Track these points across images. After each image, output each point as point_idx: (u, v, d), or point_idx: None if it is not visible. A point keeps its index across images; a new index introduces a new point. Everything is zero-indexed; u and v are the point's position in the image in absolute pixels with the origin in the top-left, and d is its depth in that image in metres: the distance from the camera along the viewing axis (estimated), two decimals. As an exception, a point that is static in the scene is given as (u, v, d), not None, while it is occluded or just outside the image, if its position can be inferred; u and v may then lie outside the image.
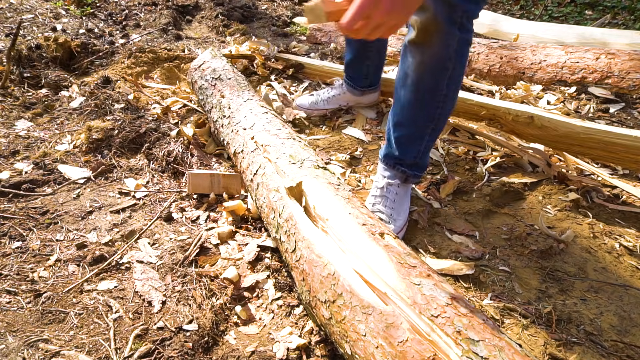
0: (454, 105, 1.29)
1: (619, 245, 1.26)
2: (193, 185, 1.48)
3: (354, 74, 1.92)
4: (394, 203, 1.36)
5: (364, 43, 1.80)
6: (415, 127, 1.31)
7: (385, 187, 1.38)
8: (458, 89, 1.27)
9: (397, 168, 1.38)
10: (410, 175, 1.38)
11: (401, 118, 1.33)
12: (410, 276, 0.80)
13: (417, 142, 1.33)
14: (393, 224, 1.32)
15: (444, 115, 1.28)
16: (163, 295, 1.11)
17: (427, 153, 1.37)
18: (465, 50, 1.19)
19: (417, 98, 1.25)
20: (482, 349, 0.65)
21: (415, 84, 1.24)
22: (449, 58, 1.16)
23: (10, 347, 0.95)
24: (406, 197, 1.40)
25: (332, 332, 0.87)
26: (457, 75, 1.21)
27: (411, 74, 1.23)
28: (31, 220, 1.35)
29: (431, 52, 1.16)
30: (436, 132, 1.31)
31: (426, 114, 1.27)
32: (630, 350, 0.98)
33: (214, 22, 3.38)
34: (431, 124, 1.28)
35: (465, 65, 1.24)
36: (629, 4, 4.03)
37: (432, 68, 1.19)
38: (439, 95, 1.22)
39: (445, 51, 1.15)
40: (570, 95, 2.17)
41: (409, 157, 1.35)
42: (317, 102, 2.03)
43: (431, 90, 1.22)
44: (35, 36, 2.73)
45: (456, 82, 1.23)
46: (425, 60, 1.19)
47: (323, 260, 0.90)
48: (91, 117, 1.91)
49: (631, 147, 1.40)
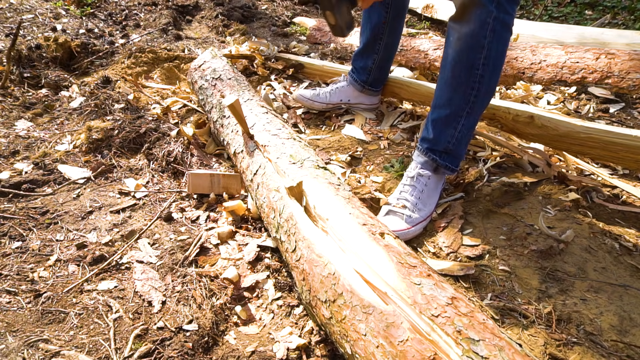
0: (490, 92, 1.30)
1: (619, 245, 1.26)
2: (193, 185, 1.48)
3: (359, 65, 1.94)
4: (422, 194, 1.37)
5: (375, 35, 1.83)
6: (451, 108, 1.32)
7: (416, 177, 1.39)
8: (496, 75, 1.28)
9: (428, 155, 1.39)
10: (440, 165, 1.38)
11: (440, 100, 1.35)
12: (411, 276, 0.80)
13: (452, 125, 1.34)
14: (417, 213, 1.33)
15: (480, 99, 1.29)
16: (163, 295, 1.11)
17: (463, 143, 1.37)
18: (504, 33, 1.22)
19: (453, 76, 1.28)
20: (482, 348, 0.65)
21: (453, 62, 1.27)
22: (484, 36, 1.20)
23: (10, 347, 0.95)
24: (435, 191, 1.41)
25: (333, 331, 0.87)
26: (494, 57, 1.24)
27: (450, 52, 1.27)
28: (31, 220, 1.35)
29: (469, 28, 1.21)
30: (471, 118, 1.33)
31: (462, 94, 1.29)
32: (630, 350, 0.98)
33: (214, 22, 3.38)
34: (466, 107, 1.30)
35: (505, 52, 1.26)
36: (629, 4, 4.03)
37: (468, 45, 1.23)
38: (475, 75, 1.25)
39: (481, 28, 1.19)
40: (570, 95, 2.17)
41: (442, 141, 1.36)
42: (318, 94, 2.03)
43: (467, 69, 1.25)
44: (35, 36, 2.73)
45: (493, 64, 1.25)
46: (462, 36, 1.23)
47: (323, 259, 0.90)
48: (91, 117, 1.91)
49: (631, 146, 1.40)
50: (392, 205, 1.37)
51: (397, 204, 1.37)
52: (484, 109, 1.36)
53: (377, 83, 1.97)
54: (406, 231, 1.31)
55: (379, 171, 1.63)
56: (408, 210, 1.34)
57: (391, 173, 1.60)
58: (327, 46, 3.06)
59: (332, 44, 3.08)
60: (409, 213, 1.33)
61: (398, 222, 1.32)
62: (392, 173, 1.60)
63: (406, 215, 1.33)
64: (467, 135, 1.37)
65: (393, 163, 1.64)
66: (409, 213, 1.33)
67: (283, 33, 3.37)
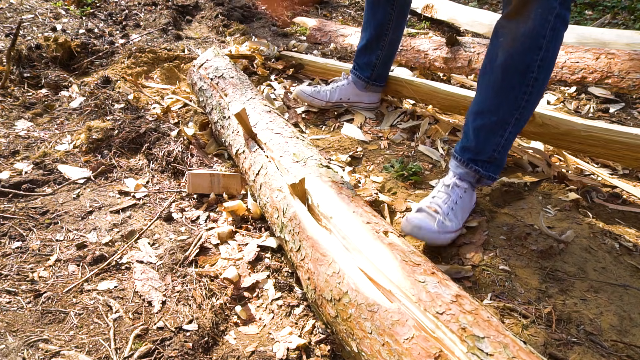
0: (541, 94, 1.20)
1: (619, 245, 1.26)
2: (193, 185, 1.48)
3: (363, 61, 1.93)
4: (455, 205, 1.27)
5: (379, 32, 1.82)
6: (499, 114, 1.21)
7: (452, 185, 1.30)
8: (548, 77, 1.18)
9: (470, 166, 1.29)
10: (483, 176, 1.29)
11: (483, 105, 1.24)
12: (415, 274, 0.80)
13: (498, 133, 1.23)
14: (448, 222, 1.23)
15: (531, 103, 1.19)
16: (163, 295, 1.11)
17: (507, 149, 1.28)
18: (561, 31, 1.12)
19: (504, 79, 1.17)
20: (487, 345, 0.65)
21: (504, 65, 1.16)
22: (543, 35, 1.10)
23: (10, 347, 0.95)
24: (469, 205, 1.31)
25: (339, 330, 0.87)
26: (550, 58, 1.14)
27: (501, 54, 1.16)
28: (31, 220, 1.35)
29: (526, 27, 1.10)
30: (520, 124, 1.23)
31: (512, 99, 1.18)
32: (630, 350, 0.98)
33: (214, 22, 3.38)
34: (516, 112, 1.20)
35: (557, 52, 1.16)
36: (629, 4, 4.03)
37: (524, 46, 1.12)
38: (529, 79, 1.15)
39: (541, 27, 1.09)
40: (570, 95, 2.17)
41: (487, 151, 1.26)
42: (319, 92, 2.02)
43: (521, 72, 1.15)
44: (35, 36, 2.73)
45: (548, 66, 1.15)
46: (518, 36, 1.12)
47: (328, 258, 0.91)
48: (91, 117, 1.91)
49: (632, 144, 1.40)
50: (425, 205, 1.28)
51: (430, 207, 1.26)
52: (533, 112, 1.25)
53: (380, 79, 1.97)
54: (437, 235, 1.21)
55: (379, 171, 1.63)
56: (440, 216, 1.23)
57: (391, 173, 1.60)
58: (327, 46, 3.06)
59: (332, 43, 3.08)
60: (441, 219, 1.23)
61: (429, 221, 1.22)
62: (392, 173, 1.60)
63: (439, 219, 1.22)
64: (512, 141, 1.27)
65: (393, 163, 1.64)
66: (441, 219, 1.23)
67: (283, 33, 3.37)
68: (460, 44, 2.46)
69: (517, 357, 0.64)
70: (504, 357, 0.64)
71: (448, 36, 2.48)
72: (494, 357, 0.64)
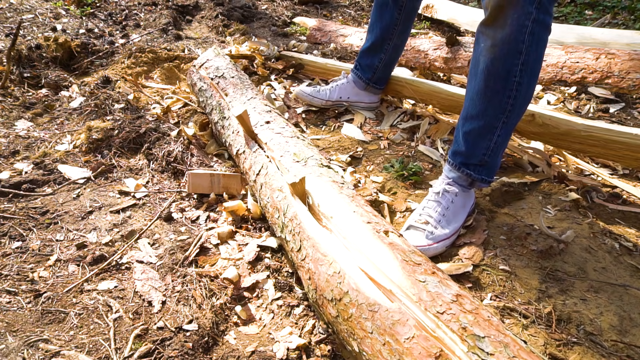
0: (528, 98, 1.20)
1: (619, 245, 1.26)
2: (193, 185, 1.48)
3: (365, 62, 1.92)
4: (447, 211, 1.28)
5: (384, 35, 1.82)
6: (485, 119, 1.22)
7: (442, 192, 1.30)
8: (534, 81, 1.18)
9: (462, 170, 1.30)
10: (476, 179, 1.29)
11: (471, 110, 1.25)
12: (415, 273, 0.81)
13: (486, 137, 1.24)
14: (440, 230, 1.24)
15: (517, 107, 1.19)
16: (163, 295, 1.11)
17: (498, 153, 1.28)
18: (542, 35, 1.11)
19: (487, 86, 1.18)
20: (487, 345, 0.65)
21: (486, 71, 1.17)
22: (522, 40, 1.09)
23: (10, 347, 0.95)
24: (463, 209, 1.31)
25: (340, 330, 0.87)
26: (533, 62, 1.14)
27: (482, 59, 1.17)
28: (31, 220, 1.35)
29: (504, 33, 1.10)
30: (508, 127, 1.23)
31: (497, 104, 1.19)
32: (630, 350, 0.98)
33: (214, 22, 3.38)
34: (502, 116, 1.20)
35: (542, 55, 1.16)
36: (629, 4, 4.03)
37: (503, 52, 1.12)
38: (512, 83, 1.15)
39: (518, 32, 1.08)
40: (570, 95, 2.17)
41: (477, 154, 1.27)
42: (319, 91, 2.02)
43: (503, 77, 1.15)
44: (35, 36, 2.73)
45: (531, 70, 1.15)
46: (496, 42, 1.12)
47: (328, 258, 0.91)
48: (91, 117, 1.91)
49: (632, 144, 1.40)
50: (414, 220, 1.30)
51: (419, 220, 1.29)
52: (522, 115, 1.26)
53: (381, 81, 1.97)
54: (427, 247, 1.23)
55: (379, 171, 1.63)
56: (430, 227, 1.25)
57: (391, 173, 1.60)
58: (327, 46, 3.05)
59: (332, 43, 3.08)
60: (430, 229, 1.25)
61: (419, 237, 1.25)
62: (392, 173, 1.60)
63: (427, 231, 1.25)
64: (503, 145, 1.28)
65: (393, 163, 1.64)
66: (430, 229, 1.25)
67: (283, 33, 3.37)
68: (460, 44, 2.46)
69: (517, 357, 0.64)
70: (505, 356, 0.64)
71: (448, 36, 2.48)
72: (495, 357, 0.64)
